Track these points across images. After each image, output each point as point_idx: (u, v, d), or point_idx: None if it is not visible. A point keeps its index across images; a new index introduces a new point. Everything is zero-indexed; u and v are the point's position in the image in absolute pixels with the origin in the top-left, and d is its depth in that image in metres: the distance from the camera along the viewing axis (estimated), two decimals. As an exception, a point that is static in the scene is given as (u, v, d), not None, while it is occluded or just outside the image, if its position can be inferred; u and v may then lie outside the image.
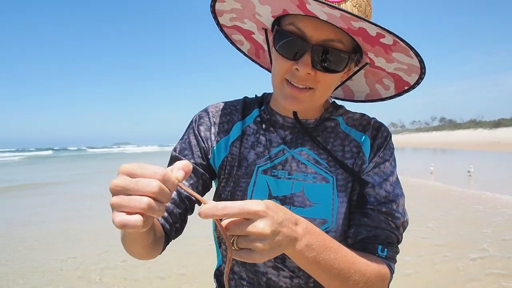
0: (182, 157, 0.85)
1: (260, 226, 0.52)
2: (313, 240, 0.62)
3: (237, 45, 0.97)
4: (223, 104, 0.92)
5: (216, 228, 0.87)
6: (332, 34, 0.71)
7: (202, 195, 0.85)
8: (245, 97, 0.94)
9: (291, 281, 0.82)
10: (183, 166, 0.50)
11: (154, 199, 0.46)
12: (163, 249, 0.80)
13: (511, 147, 29.56)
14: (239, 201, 0.52)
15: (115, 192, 0.46)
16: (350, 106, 0.98)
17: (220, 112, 0.90)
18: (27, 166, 24.70)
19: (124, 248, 0.73)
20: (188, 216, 0.86)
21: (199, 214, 0.50)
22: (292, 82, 0.76)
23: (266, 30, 0.85)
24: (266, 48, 0.92)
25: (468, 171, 11.38)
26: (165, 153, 47.22)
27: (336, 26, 0.69)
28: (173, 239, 0.83)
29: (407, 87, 0.83)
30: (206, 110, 0.91)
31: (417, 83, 0.80)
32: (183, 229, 0.85)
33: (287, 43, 0.73)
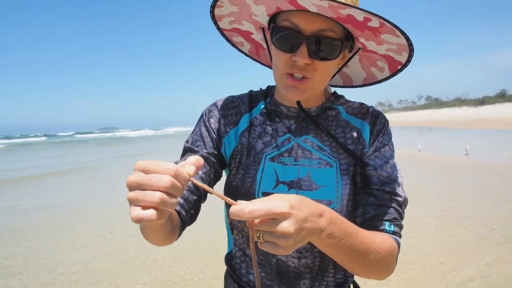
0: (195, 148, 0.89)
1: (284, 226, 0.54)
2: (335, 229, 0.65)
3: (238, 47, 1.03)
4: (230, 98, 0.97)
5: (228, 215, 0.94)
6: (324, 24, 0.76)
7: (214, 183, 0.90)
8: (251, 91, 1.00)
9: (299, 261, 0.87)
10: (195, 161, 0.53)
11: (166, 193, 0.48)
12: (179, 235, 0.83)
13: (496, 124, 30.21)
14: (265, 202, 0.54)
15: (131, 187, 0.49)
16: (346, 92, 1.04)
17: (228, 105, 0.95)
18: (37, 152, 23.88)
19: (144, 237, 0.77)
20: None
21: (230, 215, 0.53)
22: (292, 74, 0.81)
23: (263, 29, 0.89)
24: (265, 46, 0.98)
25: (465, 150, 11.58)
26: (162, 136, 46.87)
27: (327, 16, 0.74)
28: (189, 225, 0.86)
29: (400, 66, 0.88)
30: (215, 104, 0.96)
31: (408, 61, 0.84)
32: (198, 215, 0.88)
33: (284, 37, 0.79)
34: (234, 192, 0.88)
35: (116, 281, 3.40)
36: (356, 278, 0.95)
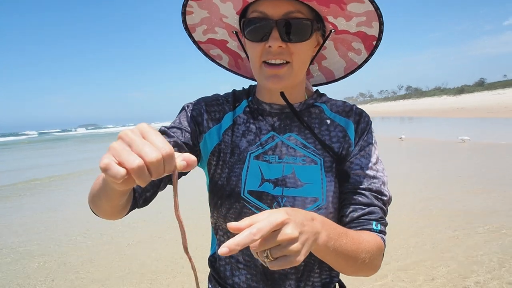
0: (171, 133, 0.85)
1: (288, 232, 0.54)
2: (329, 230, 0.66)
3: (217, 60, 1.03)
4: (216, 95, 0.97)
5: (213, 215, 0.91)
6: (291, 6, 0.77)
7: (179, 176, 0.77)
8: (234, 90, 0.99)
9: None
10: (189, 159, 0.49)
11: (147, 167, 0.45)
12: (126, 214, 0.79)
13: (475, 112, 30.22)
14: (265, 217, 0.53)
15: (122, 140, 0.47)
16: (328, 87, 1.10)
17: (212, 102, 0.94)
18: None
19: (91, 205, 0.76)
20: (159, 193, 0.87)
21: (226, 250, 0.50)
22: (269, 62, 0.80)
23: (237, 34, 0.91)
24: (241, 53, 1.00)
25: (463, 139, 11.36)
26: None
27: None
28: (139, 207, 0.83)
29: (375, 41, 0.88)
30: (198, 100, 0.95)
31: (381, 30, 0.84)
32: (151, 201, 0.84)
33: (254, 28, 0.80)
34: (220, 191, 0.87)
35: None
36: (341, 276, 0.94)
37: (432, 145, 11.75)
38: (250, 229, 0.51)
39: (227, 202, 0.85)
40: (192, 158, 0.49)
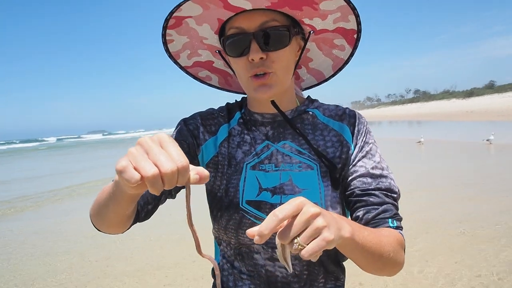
0: None
1: (310, 209, 0.53)
2: (349, 222, 0.63)
3: (207, 82, 1.05)
4: (210, 109, 0.98)
5: (215, 226, 0.90)
6: (264, 17, 0.79)
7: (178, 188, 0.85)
8: (227, 103, 1.00)
9: (287, 271, 0.79)
10: (202, 173, 0.49)
11: (161, 177, 0.46)
12: (129, 227, 0.80)
13: (486, 115, 29.68)
14: (283, 205, 0.53)
15: (140, 146, 0.48)
16: (336, 92, 0.85)
17: (208, 116, 0.95)
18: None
19: (95, 218, 0.76)
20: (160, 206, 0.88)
21: (258, 238, 0.51)
22: (255, 75, 0.81)
23: (220, 52, 0.92)
24: (229, 70, 1.00)
25: (488, 140, 11.11)
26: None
27: (265, 9, 0.77)
28: (141, 221, 0.84)
29: (355, 34, 0.88)
30: (194, 115, 0.96)
31: (358, 23, 0.84)
32: (152, 214, 0.85)
33: (233, 43, 0.81)
34: (219, 203, 0.87)
35: None
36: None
37: (457, 147, 11.51)
38: (272, 213, 0.51)
39: (226, 213, 0.85)
40: (206, 173, 0.49)
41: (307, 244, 0.52)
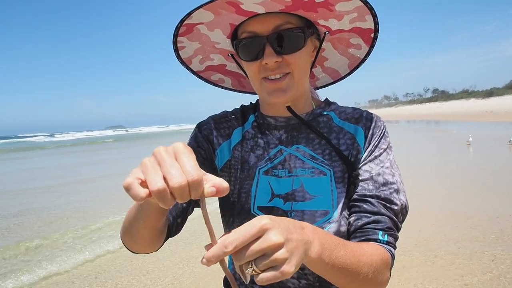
0: None
1: (272, 237, 0.49)
2: (323, 239, 0.61)
3: (221, 84, 1.05)
4: (224, 112, 0.98)
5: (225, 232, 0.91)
6: (278, 20, 0.77)
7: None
8: (242, 105, 0.99)
9: (299, 282, 0.84)
10: (220, 185, 0.48)
11: (170, 191, 0.46)
12: (163, 243, 0.80)
13: (506, 116, 29.30)
14: (240, 227, 0.50)
15: (154, 157, 0.48)
16: (354, 91, 0.81)
17: (221, 119, 0.95)
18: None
19: (126, 236, 0.75)
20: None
21: (205, 261, 0.48)
22: (269, 78, 0.80)
23: (233, 55, 0.91)
24: (242, 72, 0.98)
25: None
26: (185, 132, 47.81)
27: (278, 12, 0.76)
28: (174, 235, 0.84)
29: (373, 33, 0.87)
30: (207, 119, 0.96)
31: (376, 22, 0.83)
32: (183, 226, 0.86)
33: (247, 48, 0.80)
34: (232, 208, 0.88)
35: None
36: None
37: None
38: (223, 239, 0.48)
39: (238, 219, 0.86)
40: (224, 185, 0.48)
41: (262, 271, 0.50)
